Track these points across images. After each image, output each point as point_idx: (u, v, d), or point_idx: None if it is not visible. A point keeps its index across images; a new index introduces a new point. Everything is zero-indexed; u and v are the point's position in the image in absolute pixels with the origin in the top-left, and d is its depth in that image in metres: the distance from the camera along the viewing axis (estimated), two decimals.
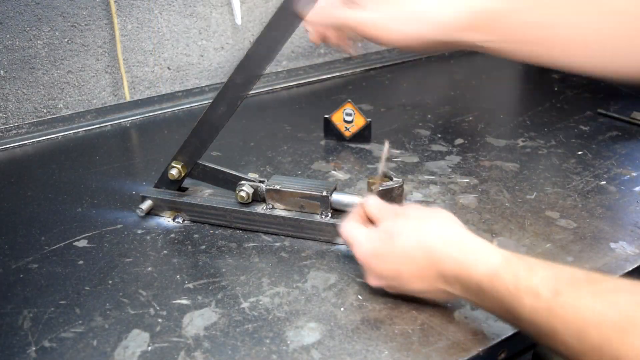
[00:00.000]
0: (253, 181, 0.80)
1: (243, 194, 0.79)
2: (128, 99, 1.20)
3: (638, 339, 0.44)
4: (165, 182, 0.84)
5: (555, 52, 0.64)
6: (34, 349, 0.61)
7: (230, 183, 0.81)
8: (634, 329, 0.44)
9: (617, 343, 0.44)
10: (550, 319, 0.49)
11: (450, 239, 0.59)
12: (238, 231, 0.81)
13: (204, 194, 0.83)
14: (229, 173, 0.81)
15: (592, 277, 0.50)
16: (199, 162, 0.81)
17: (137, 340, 0.62)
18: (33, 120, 1.11)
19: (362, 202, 0.69)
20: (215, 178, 0.82)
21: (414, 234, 0.61)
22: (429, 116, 1.16)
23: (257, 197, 0.81)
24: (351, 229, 0.66)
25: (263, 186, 0.80)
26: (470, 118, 1.15)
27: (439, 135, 1.08)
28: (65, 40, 1.12)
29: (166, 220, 0.83)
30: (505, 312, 0.54)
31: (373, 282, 0.65)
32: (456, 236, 0.60)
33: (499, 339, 0.61)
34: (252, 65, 0.75)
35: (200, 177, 0.82)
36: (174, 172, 0.81)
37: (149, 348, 0.61)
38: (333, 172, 0.96)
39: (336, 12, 0.72)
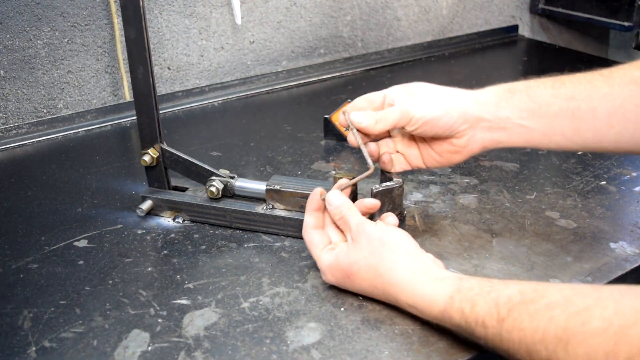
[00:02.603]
0: (223, 177, 0.81)
1: (213, 189, 0.80)
2: (128, 99, 1.20)
3: (578, 347, 0.48)
4: (151, 176, 0.84)
5: (583, 124, 0.67)
6: (34, 349, 0.61)
7: (202, 177, 0.82)
8: (573, 339, 0.49)
9: (562, 354, 0.49)
10: (502, 343, 0.54)
11: (399, 280, 0.62)
12: (238, 231, 0.81)
13: (204, 194, 0.83)
14: (200, 166, 0.81)
15: (527, 297, 0.54)
16: (172, 151, 0.81)
17: (137, 340, 0.62)
18: (33, 120, 1.11)
19: (321, 193, 0.70)
20: (187, 170, 0.82)
21: (366, 276, 0.64)
22: None
23: (227, 193, 0.82)
24: (313, 246, 0.69)
25: (233, 182, 0.81)
26: None
27: None
28: (65, 40, 1.12)
29: (166, 220, 0.83)
30: (464, 337, 0.60)
31: (329, 278, 0.68)
32: (405, 274, 0.62)
33: None
34: (132, 15, 0.74)
35: (172, 167, 0.83)
36: (146, 158, 0.81)
37: (149, 348, 0.61)
38: (333, 172, 0.96)
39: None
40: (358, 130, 0.72)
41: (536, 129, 0.68)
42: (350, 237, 0.67)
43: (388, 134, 0.76)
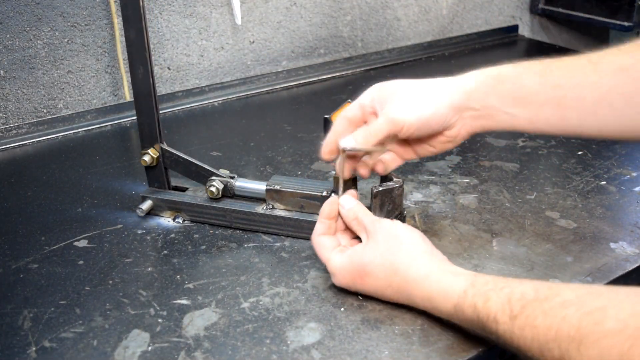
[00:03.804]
0: (223, 177, 0.81)
1: (213, 189, 0.80)
2: (128, 99, 1.20)
3: (592, 347, 0.48)
4: (151, 176, 0.84)
5: (568, 113, 0.66)
6: (34, 349, 0.61)
7: (202, 177, 0.82)
8: (586, 339, 0.48)
9: (574, 353, 0.49)
10: (513, 340, 0.54)
11: (416, 276, 0.63)
12: (238, 231, 0.81)
13: (204, 194, 0.83)
14: (201, 166, 0.81)
15: (541, 295, 0.54)
16: (172, 151, 0.81)
17: (137, 341, 0.62)
18: (33, 120, 1.11)
19: (336, 201, 0.70)
20: (188, 170, 0.82)
21: (382, 274, 0.64)
22: None
23: (227, 193, 0.82)
24: (322, 249, 0.68)
25: (233, 182, 0.81)
26: None
27: None
28: (65, 40, 1.12)
29: (166, 220, 0.83)
30: (476, 333, 0.60)
31: (340, 281, 0.68)
32: (422, 270, 0.63)
33: None
34: (132, 15, 0.74)
35: (173, 167, 0.83)
36: (146, 158, 0.81)
37: (149, 348, 0.61)
38: (333, 172, 0.96)
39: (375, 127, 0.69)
40: (348, 156, 0.72)
41: (522, 117, 0.68)
42: (365, 236, 0.67)
43: None
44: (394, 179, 0.74)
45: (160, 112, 1.23)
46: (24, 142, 1.09)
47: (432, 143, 0.72)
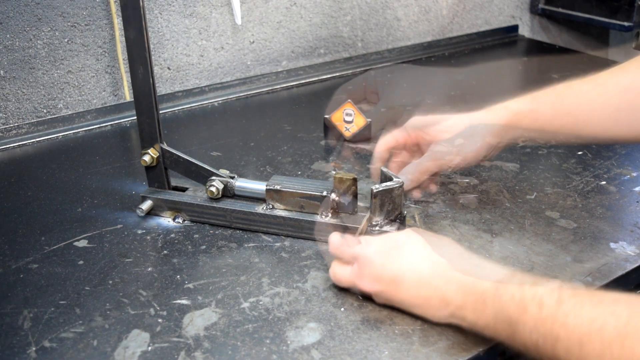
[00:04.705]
0: (223, 177, 0.81)
1: (213, 189, 0.80)
2: (128, 99, 1.20)
3: (637, 344, 0.46)
4: (151, 176, 0.84)
5: (580, 132, 0.78)
6: (34, 349, 0.61)
7: (202, 177, 0.82)
8: (633, 336, 0.47)
9: (617, 349, 0.47)
10: (554, 327, 0.52)
11: (458, 255, 0.64)
12: (238, 231, 0.81)
13: (204, 194, 0.83)
14: (201, 166, 0.81)
15: (593, 292, 0.56)
16: (172, 151, 0.81)
17: (137, 341, 0.62)
18: (33, 120, 1.11)
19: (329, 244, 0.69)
20: (188, 170, 0.82)
21: (421, 246, 0.64)
22: None
23: (227, 193, 0.82)
24: (334, 273, 0.68)
25: (233, 182, 0.81)
26: None
27: None
28: (65, 40, 1.12)
29: (166, 220, 0.83)
30: (504, 322, 0.56)
31: (367, 285, 0.65)
32: (464, 254, 0.65)
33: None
34: (132, 15, 0.74)
35: (173, 167, 0.83)
36: (146, 158, 0.81)
37: (149, 348, 0.61)
38: (333, 172, 0.96)
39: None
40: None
41: (539, 139, 0.88)
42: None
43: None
44: (394, 179, 0.74)
45: (160, 112, 1.23)
46: (24, 142, 1.09)
47: None
